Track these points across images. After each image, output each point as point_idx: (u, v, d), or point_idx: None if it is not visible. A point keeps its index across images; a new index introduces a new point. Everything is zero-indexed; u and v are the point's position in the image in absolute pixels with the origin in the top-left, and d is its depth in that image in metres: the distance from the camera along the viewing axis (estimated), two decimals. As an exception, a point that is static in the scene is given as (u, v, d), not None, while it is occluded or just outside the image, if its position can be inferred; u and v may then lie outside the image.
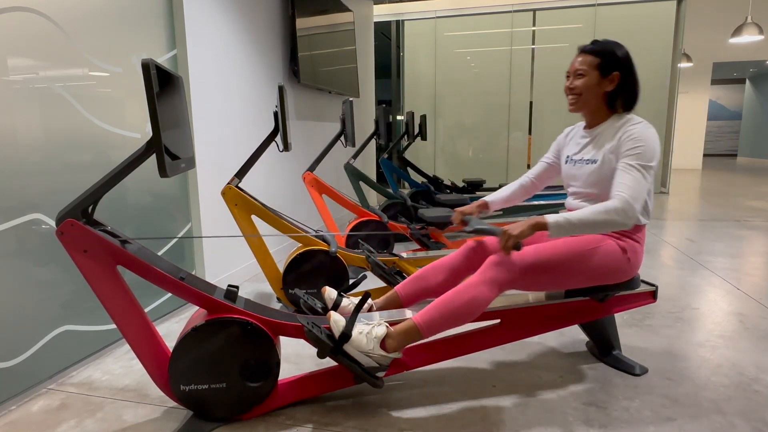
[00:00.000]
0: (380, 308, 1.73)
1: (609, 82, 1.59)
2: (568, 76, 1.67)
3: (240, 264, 2.97)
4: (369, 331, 1.46)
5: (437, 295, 1.70)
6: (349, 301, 1.67)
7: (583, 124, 1.76)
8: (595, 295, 1.69)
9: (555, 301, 1.68)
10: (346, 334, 1.44)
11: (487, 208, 1.86)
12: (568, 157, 1.75)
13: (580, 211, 1.48)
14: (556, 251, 1.55)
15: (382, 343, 1.46)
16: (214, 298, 1.46)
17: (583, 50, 1.63)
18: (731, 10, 9.32)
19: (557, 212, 3.67)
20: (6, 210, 1.62)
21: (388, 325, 1.49)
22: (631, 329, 2.15)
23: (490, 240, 1.78)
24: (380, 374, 1.49)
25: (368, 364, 1.46)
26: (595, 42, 1.62)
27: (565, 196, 3.67)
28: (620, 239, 1.60)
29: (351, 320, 1.46)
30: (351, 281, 2.20)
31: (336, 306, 1.69)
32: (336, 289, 1.79)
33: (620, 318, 2.26)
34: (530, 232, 1.47)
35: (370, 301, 1.74)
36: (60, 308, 1.83)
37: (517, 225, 1.49)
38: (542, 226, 1.47)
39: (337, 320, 1.47)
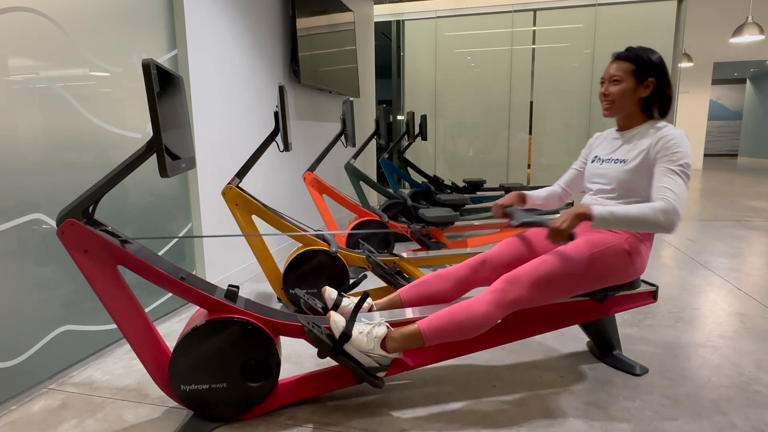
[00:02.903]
0: (381, 308, 1.73)
1: (644, 87, 1.61)
2: (602, 82, 1.69)
3: (240, 264, 2.98)
4: (369, 331, 1.46)
5: (438, 303, 1.70)
6: (350, 301, 1.67)
7: (612, 129, 1.77)
8: (595, 296, 1.69)
9: (555, 301, 1.67)
10: (347, 334, 1.44)
11: (524, 202, 1.84)
12: (596, 157, 1.75)
13: (625, 206, 1.47)
14: (565, 261, 1.54)
15: (383, 344, 1.46)
16: (215, 298, 1.46)
17: (618, 57, 1.64)
18: (732, 10, 9.32)
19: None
20: (6, 210, 1.62)
21: (388, 325, 1.49)
22: (631, 329, 2.15)
23: (504, 252, 1.75)
24: (380, 374, 1.49)
25: (368, 364, 1.46)
26: (629, 49, 1.64)
27: None
28: (626, 242, 1.59)
29: (351, 320, 1.46)
30: (351, 281, 2.21)
31: (336, 306, 1.69)
32: (336, 289, 1.79)
33: (620, 318, 2.26)
34: (576, 222, 1.46)
35: (370, 300, 1.74)
36: (60, 308, 1.83)
37: (562, 217, 1.48)
38: (587, 217, 1.46)
39: (336, 320, 1.47)
